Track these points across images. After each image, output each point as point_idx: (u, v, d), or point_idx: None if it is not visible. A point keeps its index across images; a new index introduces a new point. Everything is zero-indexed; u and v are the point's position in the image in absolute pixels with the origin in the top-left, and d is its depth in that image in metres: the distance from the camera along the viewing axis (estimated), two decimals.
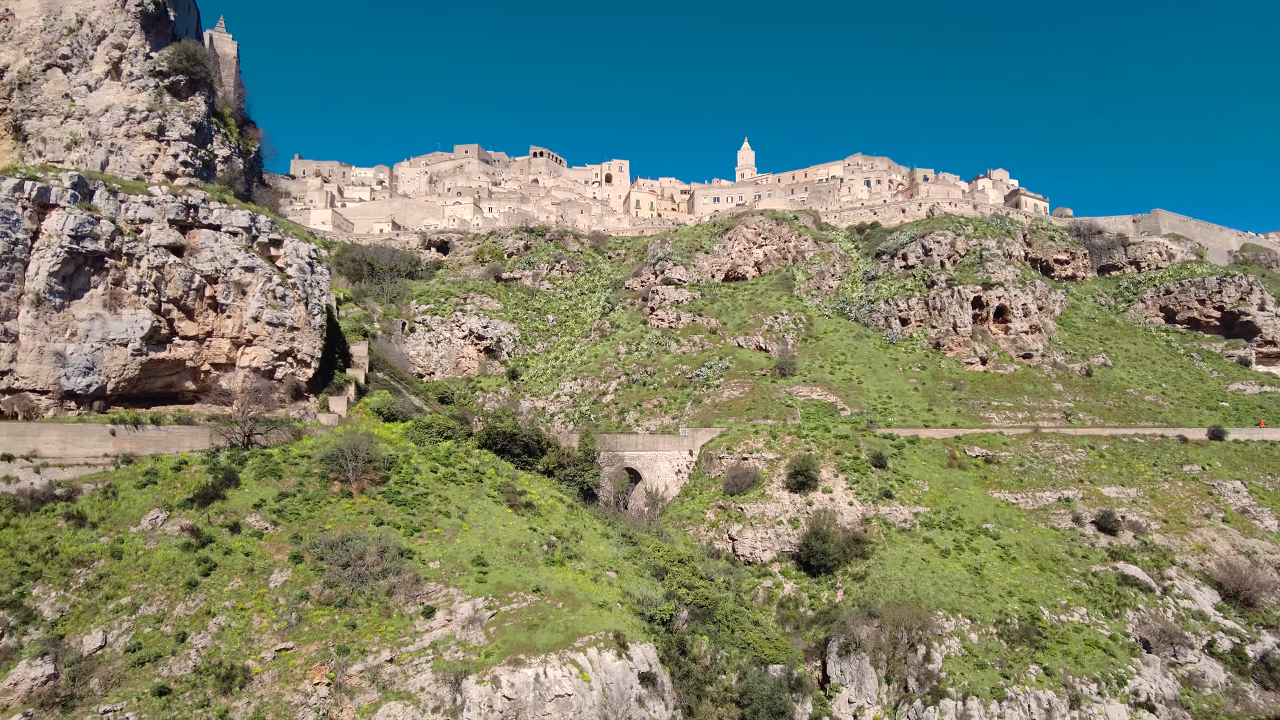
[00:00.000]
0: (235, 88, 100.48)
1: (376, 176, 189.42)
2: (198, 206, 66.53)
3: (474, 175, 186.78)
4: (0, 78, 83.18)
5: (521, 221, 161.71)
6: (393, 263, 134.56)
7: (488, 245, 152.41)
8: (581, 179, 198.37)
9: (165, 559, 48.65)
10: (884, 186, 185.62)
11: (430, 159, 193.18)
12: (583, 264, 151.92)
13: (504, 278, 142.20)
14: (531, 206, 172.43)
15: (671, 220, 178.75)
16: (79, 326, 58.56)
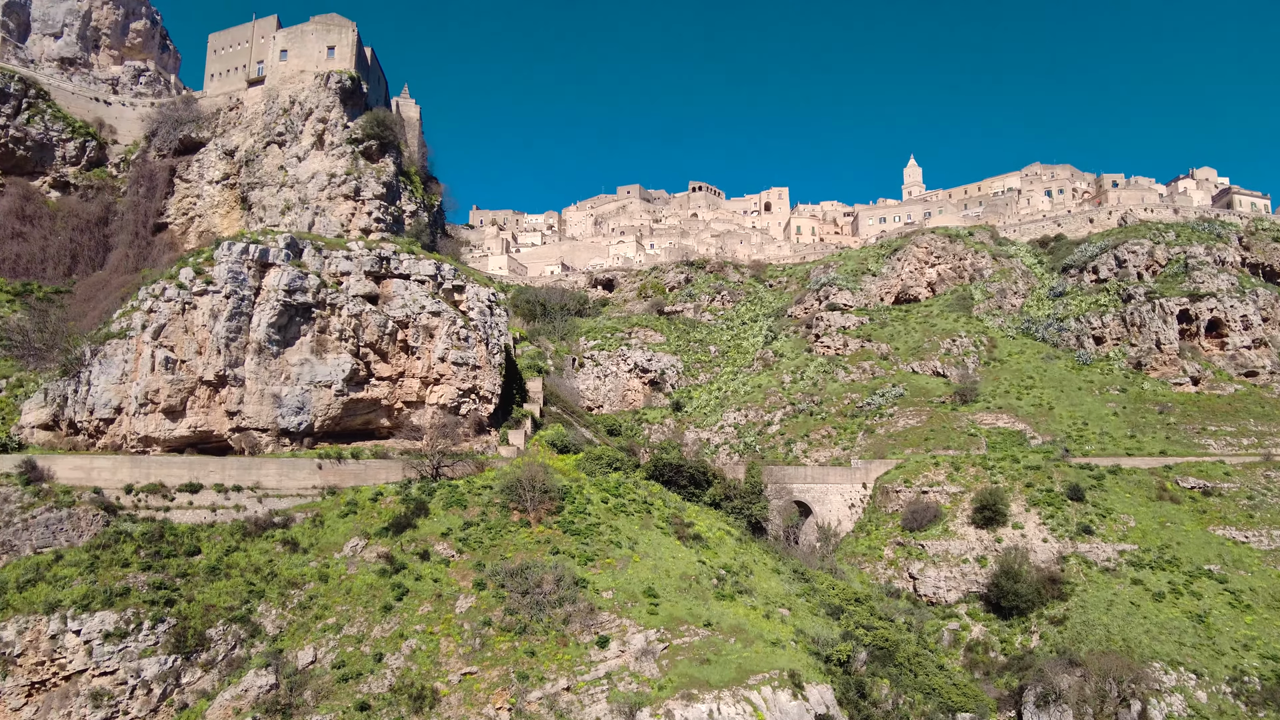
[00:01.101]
0: (419, 148, 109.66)
1: (546, 222, 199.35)
2: (389, 258, 72.79)
3: (635, 214, 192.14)
4: (232, 157, 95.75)
5: (682, 255, 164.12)
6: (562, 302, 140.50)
7: (650, 280, 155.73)
8: (740, 209, 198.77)
9: (364, 583, 52.81)
10: (1067, 196, 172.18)
11: (595, 202, 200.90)
12: (743, 294, 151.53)
13: (666, 311, 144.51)
14: (691, 240, 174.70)
15: (835, 244, 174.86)
16: (291, 371, 65.46)
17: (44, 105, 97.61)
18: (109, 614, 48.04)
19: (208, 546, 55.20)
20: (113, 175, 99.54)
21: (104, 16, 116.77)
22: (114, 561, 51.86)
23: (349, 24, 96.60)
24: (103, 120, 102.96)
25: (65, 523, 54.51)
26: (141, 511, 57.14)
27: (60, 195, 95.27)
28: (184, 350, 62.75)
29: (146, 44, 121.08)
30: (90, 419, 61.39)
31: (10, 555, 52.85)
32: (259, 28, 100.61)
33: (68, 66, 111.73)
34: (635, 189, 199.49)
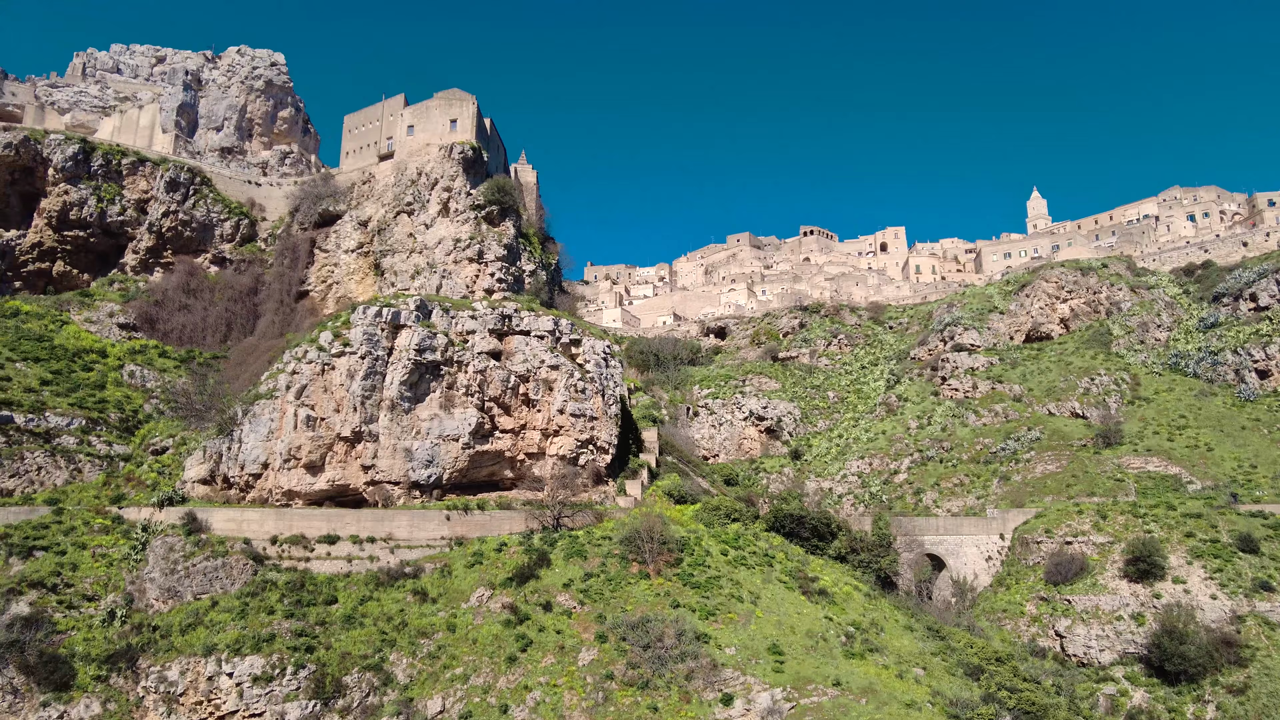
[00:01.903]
0: (537, 210, 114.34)
1: (658, 274, 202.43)
2: (511, 316, 75.63)
3: (746, 262, 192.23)
4: (366, 227, 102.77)
5: (795, 300, 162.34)
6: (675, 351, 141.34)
7: (763, 327, 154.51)
8: (854, 251, 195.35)
9: (490, 634, 53.77)
10: (1213, 219, 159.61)
11: (705, 251, 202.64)
12: (861, 337, 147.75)
13: (780, 357, 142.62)
14: (804, 285, 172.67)
15: (957, 282, 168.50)
16: (421, 426, 68.51)
17: (206, 190, 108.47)
18: (257, 658, 50.94)
19: (344, 596, 57.85)
20: (262, 249, 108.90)
21: (256, 109, 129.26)
22: (261, 609, 55.14)
23: (469, 97, 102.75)
24: (254, 200, 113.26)
25: (220, 571, 58.59)
26: (285, 561, 60.70)
27: (218, 269, 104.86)
28: (323, 408, 66.93)
29: (291, 130, 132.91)
30: (241, 474, 66.18)
31: (175, 600, 57.20)
32: (388, 107, 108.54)
33: (226, 155, 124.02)
34: (745, 236, 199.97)
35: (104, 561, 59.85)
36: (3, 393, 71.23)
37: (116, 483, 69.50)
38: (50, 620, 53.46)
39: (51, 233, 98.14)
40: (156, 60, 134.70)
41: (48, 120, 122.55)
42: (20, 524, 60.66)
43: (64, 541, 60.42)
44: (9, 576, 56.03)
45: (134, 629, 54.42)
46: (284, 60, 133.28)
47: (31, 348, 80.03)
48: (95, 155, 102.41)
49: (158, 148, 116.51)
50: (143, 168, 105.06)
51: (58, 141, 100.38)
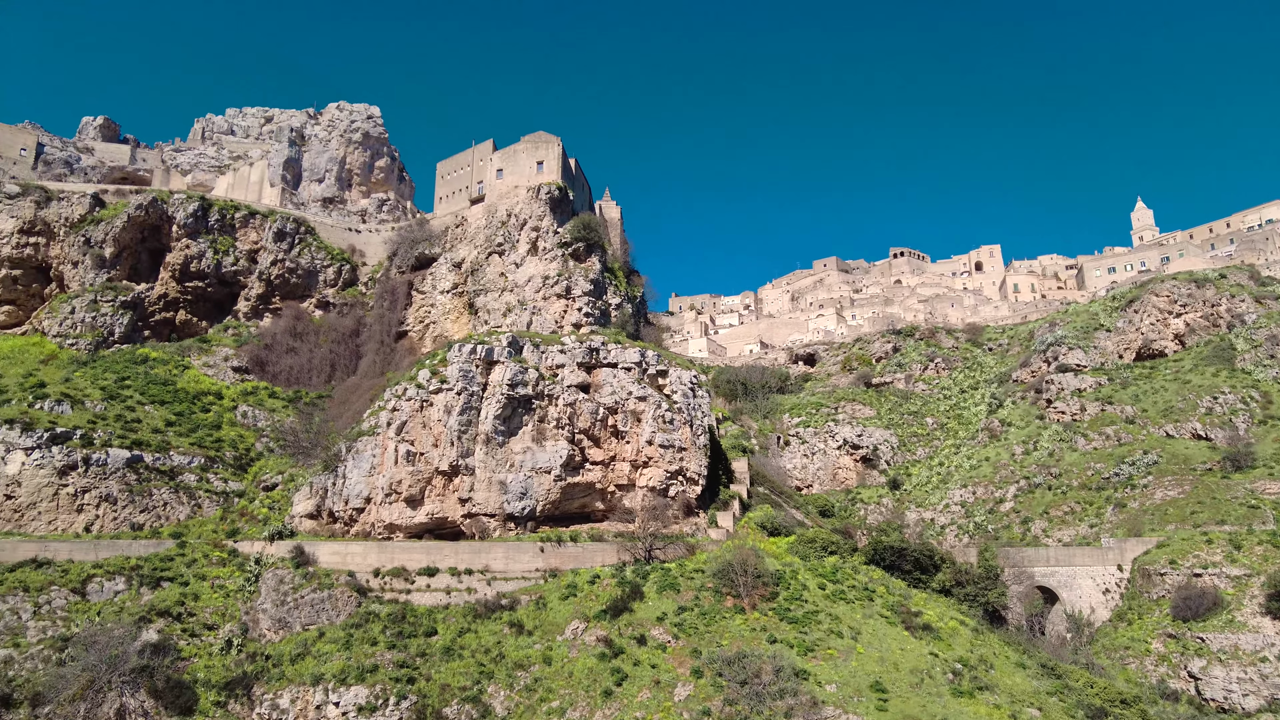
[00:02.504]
0: (621, 244, 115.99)
1: (743, 302, 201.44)
2: (598, 349, 76.57)
3: (834, 286, 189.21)
4: (460, 268, 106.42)
5: (887, 324, 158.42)
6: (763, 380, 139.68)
7: (854, 352, 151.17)
8: (948, 271, 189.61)
9: (585, 667, 53.73)
10: None
11: (790, 278, 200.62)
12: (959, 359, 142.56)
13: (874, 383, 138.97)
14: (896, 308, 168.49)
15: (1058, 300, 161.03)
16: (515, 459, 69.80)
17: (311, 239, 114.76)
18: (362, 689, 52.41)
19: (443, 627, 59.04)
20: (363, 292, 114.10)
21: (355, 160, 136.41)
22: (365, 640, 56.84)
23: (554, 139, 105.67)
24: (354, 246, 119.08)
25: (326, 603, 60.83)
26: (387, 593, 62.51)
27: (323, 313, 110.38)
28: (422, 443, 69.10)
29: (388, 178, 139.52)
30: (345, 508, 68.81)
31: (285, 630, 59.65)
32: (477, 152, 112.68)
33: (328, 204, 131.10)
34: (832, 261, 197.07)
35: (222, 592, 63.12)
36: (134, 433, 76.57)
37: (232, 518, 73.41)
38: (175, 647, 56.64)
39: (175, 284, 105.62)
40: (265, 120, 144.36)
41: (172, 181, 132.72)
42: (149, 556, 64.77)
43: (186, 573, 64.11)
44: (140, 605, 59.77)
45: (249, 657, 57.00)
46: (379, 113, 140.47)
47: (158, 391, 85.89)
48: (212, 211, 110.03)
49: (266, 201, 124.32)
50: (253, 220, 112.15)
51: (180, 200, 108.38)
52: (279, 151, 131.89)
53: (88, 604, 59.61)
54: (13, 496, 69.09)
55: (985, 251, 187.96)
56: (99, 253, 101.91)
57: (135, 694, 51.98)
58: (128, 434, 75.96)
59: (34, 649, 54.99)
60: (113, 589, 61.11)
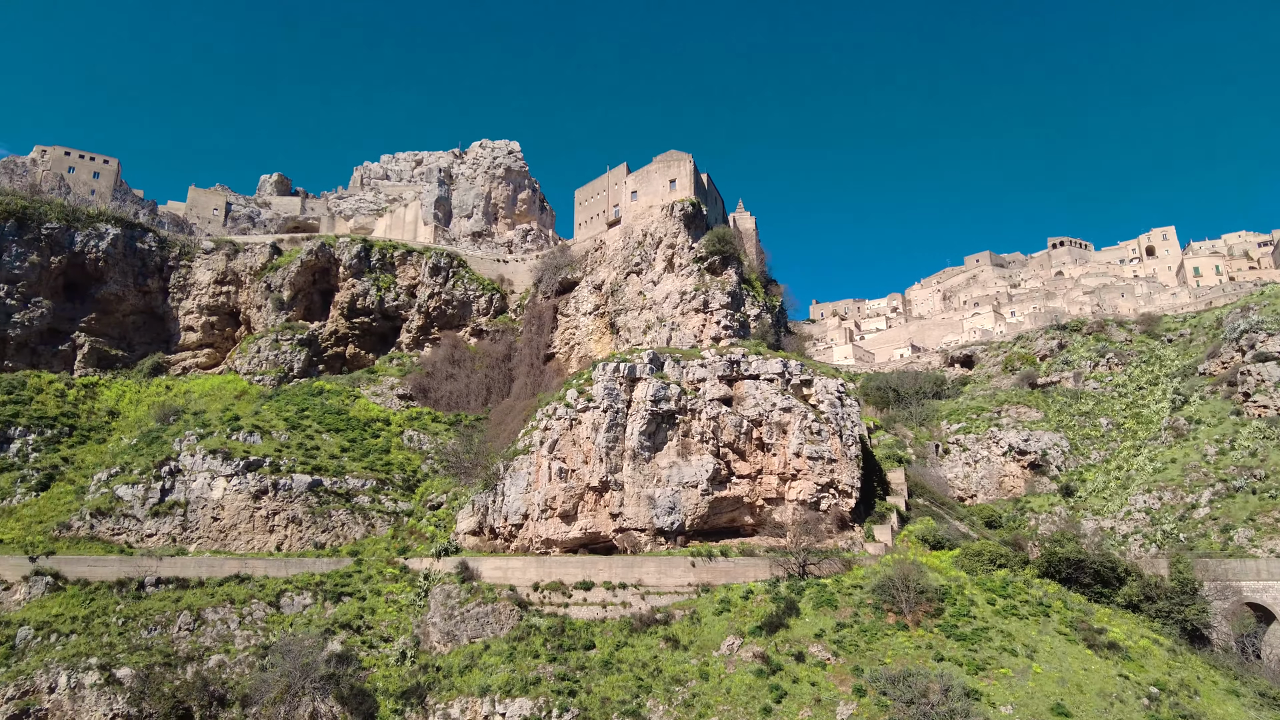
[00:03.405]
0: (757, 255, 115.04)
1: (889, 305, 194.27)
2: (739, 361, 76.08)
3: (988, 283, 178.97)
4: (600, 290, 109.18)
5: (1050, 319, 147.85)
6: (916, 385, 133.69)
7: (1015, 352, 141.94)
8: (1114, 259, 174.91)
9: (742, 683, 53.07)
10: None
11: (940, 276, 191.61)
12: (1134, 353, 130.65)
13: (1039, 384, 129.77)
14: (1059, 301, 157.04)
15: (1250, 281, 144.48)
16: (661, 473, 70.39)
17: (463, 271, 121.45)
18: (526, 700, 54.22)
19: (600, 641, 60.16)
20: (512, 319, 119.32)
21: (499, 194, 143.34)
22: (527, 652, 58.86)
23: (685, 157, 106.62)
24: (502, 275, 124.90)
25: (490, 616, 63.53)
26: (546, 607, 64.51)
27: (477, 340, 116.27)
28: (573, 461, 71.09)
29: (530, 209, 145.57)
30: (505, 525, 71.76)
31: (453, 643, 62.80)
32: (612, 177, 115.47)
33: (477, 238, 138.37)
34: (985, 255, 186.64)
35: (395, 606, 67.37)
36: (314, 459, 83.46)
37: (402, 536, 78.31)
38: (357, 657, 60.97)
39: (344, 321, 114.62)
40: (415, 163, 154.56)
41: (337, 227, 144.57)
42: (331, 573, 70.21)
43: (364, 589, 68.95)
44: (325, 618, 64.86)
45: (421, 669, 60.43)
46: (519, 147, 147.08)
47: (333, 420, 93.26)
48: (373, 252, 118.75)
49: (421, 239, 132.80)
50: (410, 258, 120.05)
51: (345, 244, 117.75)
52: (429, 192, 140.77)
53: (281, 615, 65.32)
54: (218, 519, 76.96)
55: (1157, 234, 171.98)
56: (278, 296, 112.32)
57: (325, 699, 56.33)
58: (309, 460, 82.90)
59: (240, 655, 60.87)
60: (301, 602, 66.67)
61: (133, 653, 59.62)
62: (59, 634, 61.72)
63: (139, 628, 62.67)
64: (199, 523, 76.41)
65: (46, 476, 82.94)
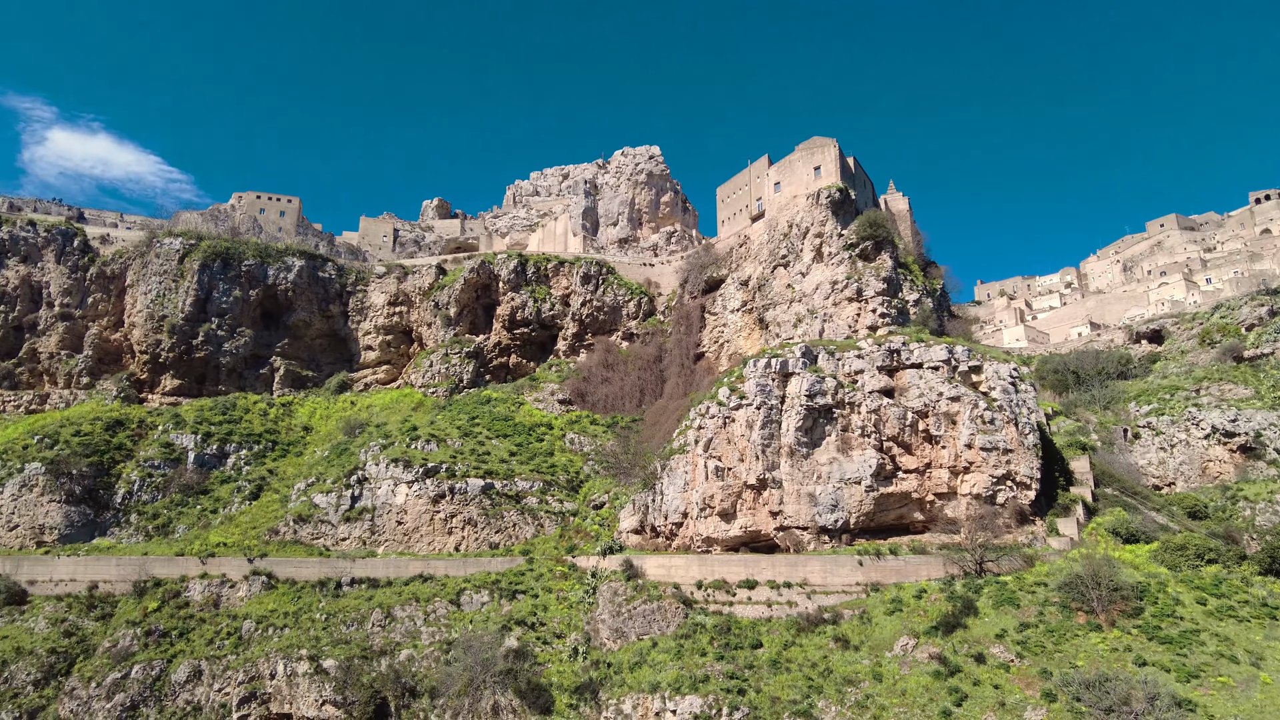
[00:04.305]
0: (913, 236, 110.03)
1: (1063, 280, 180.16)
2: (899, 350, 73.05)
3: (1175, 249, 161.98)
4: (747, 286, 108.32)
5: (1255, 284, 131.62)
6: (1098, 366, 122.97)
7: (1214, 323, 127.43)
8: None
9: (918, 685, 50.86)
10: None
11: (1119, 245, 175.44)
12: None
13: (1246, 357, 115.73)
14: (1267, 263, 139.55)
15: None
16: (821, 470, 68.77)
17: (611, 278, 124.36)
18: (695, 698, 54.56)
19: (767, 640, 59.59)
20: (661, 321, 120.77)
21: (643, 200, 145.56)
22: (694, 650, 59.24)
23: (829, 142, 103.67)
24: (649, 279, 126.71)
25: (656, 614, 64.49)
26: (711, 605, 64.69)
27: (628, 344, 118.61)
28: (729, 459, 70.89)
29: (673, 212, 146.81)
30: (665, 523, 72.63)
31: (622, 640, 64.26)
32: (754, 170, 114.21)
33: (623, 244, 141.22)
34: (1170, 219, 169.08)
35: (565, 604, 69.85)
36: (485, 464, 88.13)
37: (569, 535, 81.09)
38: (532, 653, 63.72)
39: (505, 333, 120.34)
40: (562, 178, 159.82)
41: (494, 244, 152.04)
42: (505, 572, 73.83)
43: (535, 586, 71.98)
44: (501, 615, 68.29)
45: (593, 664, 62.27)
46: (659, 152, 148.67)
47: (501, 426, 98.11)
48: (528, 265, 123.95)
49: (572, 249, 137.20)
50: (562, 268, 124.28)
51: (502, 260, 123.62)
52: (577, 204, 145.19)
53: (462, 613, 69.40)
54: (402, 522, 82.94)
55: None
56: (445, 313, 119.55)
57: (505, 693, 59.28)
58: (480, 465, 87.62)
59: (426, 650, 65.25)
60: (479, 600, 70.54)
61: (335, 646, 65.37)
62: (274, 627, 68.71)
63: (339, 623, 68.62)
64: (385, 526, 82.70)
65: (256, 487, 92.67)
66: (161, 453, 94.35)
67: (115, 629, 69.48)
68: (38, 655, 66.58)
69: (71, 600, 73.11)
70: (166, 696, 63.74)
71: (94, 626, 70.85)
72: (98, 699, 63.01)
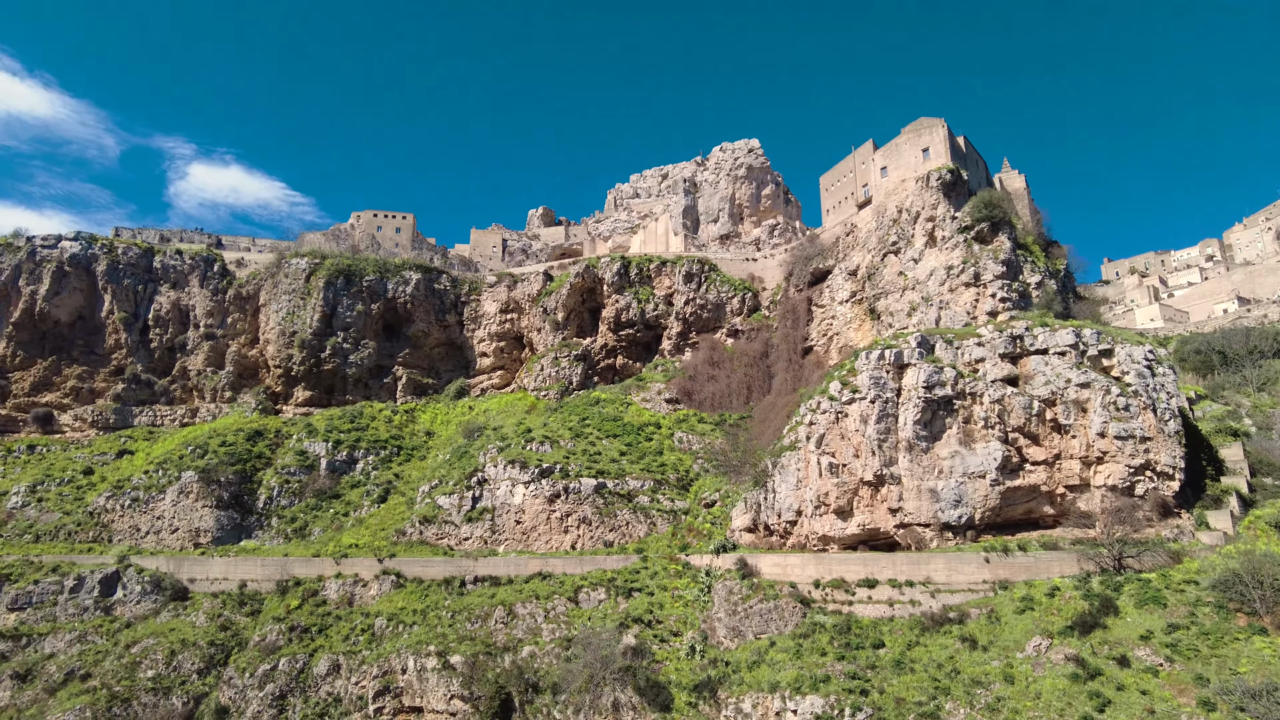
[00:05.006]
0: (1031, 215, 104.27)
1: (1203, 252, 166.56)
2: (1022, 336, 69.40)
3: None
4: (855, 275, 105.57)
5: None
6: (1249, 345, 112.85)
7: None
8: None
9: (1054, 688, 48.12)
10: None
11: (1269, 211, 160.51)
12: None
13: None
14: None
15: None
16: (942, 464, 66.11)
17: (714, 275, 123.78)
18: (816, 698, 53.53)
19: (890, 640, 57.79)
20: (766, 316, 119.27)
21: (743, 194, 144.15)
22: (814, 650, 58.13)
23: (936, 122, 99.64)
24: (753, 274, 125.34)
25: (773, 613, 63.70)
26: (829, 604, 63.32)
27: (733, 341, 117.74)
28: (843, 455, 69.20)
29: (774, 204, 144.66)
30: (779, 521, 71.62)
31: (739, 639, 63.82)
32: (858, 156, 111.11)
33: (724, 240, 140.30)
34: None
35: (680, 602, 69.99)
36: (597, 464, 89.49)
37: (681, 533, 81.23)
38: (649, 651, 64.18)
39: (611, 334, 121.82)
40: (661, 178, 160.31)
41: (597, 248, 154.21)
42: (621, 570, 74.71)
43: (650, 584, 72.47)
44: (618, 613, 69.13)
45: (710, 663, 62.09)
46: (759, 144, 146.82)
47: (610, 426, 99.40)
48: (631, 267, 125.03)
49: (673, 249, 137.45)
50: (664, 269, 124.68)
51: (606, 263, 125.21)
52: (677, 203, 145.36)
53: (580, 610, 70.69)
54: (520, 522, 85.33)
55: None
56: (553, 318, 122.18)
57: (624, 690, 59.96)
58: (592, 465, 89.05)
59: (547, 646, 66.84)
60: (596, 598, 71.65)
61: (461, 642, 67.92)
62: (404, 624, 72.05)
63: (463, 620, 71.25)
64: (505, 526, 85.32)
65: (384, 490, 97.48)
66: (297, 460, 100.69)
67: (263, 624, 74.64)
68: (199, 647, 72.35)
69: (225, 597, 79.07)
70: (310, 688, 67.95)
71: (245, 621, 76.33)
72: (251, 688, 67.85)
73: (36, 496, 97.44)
